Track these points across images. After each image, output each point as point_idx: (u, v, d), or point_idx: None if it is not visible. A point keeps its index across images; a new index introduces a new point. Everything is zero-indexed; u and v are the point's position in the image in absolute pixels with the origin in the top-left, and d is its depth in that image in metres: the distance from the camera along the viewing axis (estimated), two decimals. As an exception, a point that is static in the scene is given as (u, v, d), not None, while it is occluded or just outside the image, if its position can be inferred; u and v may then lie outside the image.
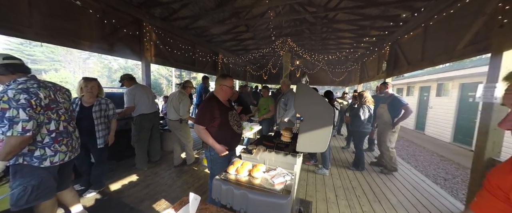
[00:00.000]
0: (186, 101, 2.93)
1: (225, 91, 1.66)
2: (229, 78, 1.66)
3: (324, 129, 1.26)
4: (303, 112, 1.31)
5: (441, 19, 3.25)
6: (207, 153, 1.71)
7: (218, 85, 1.66)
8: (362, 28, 4.95)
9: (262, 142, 1.90)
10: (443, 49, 3.17)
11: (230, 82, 1.67)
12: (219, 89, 1.66)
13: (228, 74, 1.72)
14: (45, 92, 1.39)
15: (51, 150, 1.44)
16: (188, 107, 2.96)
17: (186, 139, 3.13)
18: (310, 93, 1.28)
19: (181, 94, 2.95)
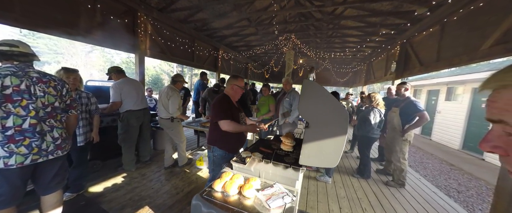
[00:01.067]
0: (176, 97, 2.68)
1: (236, 91, 1.69)
2: (241, 79, 1.71)
3: (336, 139, 1.00)
4: (309, 117, 1.05)
5: (463, 15, 2.95)
6: (209, 154, 1.65)
7: (230, 85, 1.68)
8: (371, 25, 4.64)
9: (259, 148, 1.65)
10: (463, 49, 2.86)
11: (242, 83, 1.71)
12: (230, 89, 1.68)
13: (239, 75, 1.78)
14: (15, 81, 1.20)
15: (5, 151, 1.20)
16: (178, 104, 2.70)
17: (178, 138, 2.89)
18: (320, 93, 1.02)
19: (170, 89, 2.69)
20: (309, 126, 1.05)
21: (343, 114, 0.98)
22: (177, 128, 2.82)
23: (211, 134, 1.67)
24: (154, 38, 4.05)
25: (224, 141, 1.59)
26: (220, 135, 1.58)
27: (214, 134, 1.63)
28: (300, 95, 1.05)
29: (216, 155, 1.62)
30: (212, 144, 1.64)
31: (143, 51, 3.74)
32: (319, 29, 5.26)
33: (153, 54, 4.09)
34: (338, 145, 1.00)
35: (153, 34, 4.00)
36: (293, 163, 1.18)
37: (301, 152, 1.08)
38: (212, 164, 1.67)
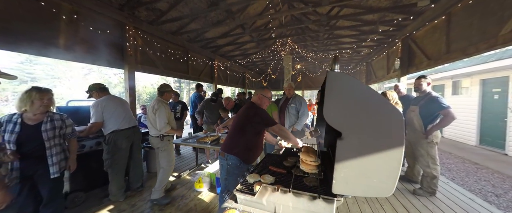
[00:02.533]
0: (163, 110, 2.29)
1: (262, 101, 1.74)
2: (267, 90, 1.78)
3: (388, 154, 0.68)
4: (340, 123, 0.73)
5: (470, 4, 2.76)
6: (223, 162, 1.63)
7: (256, 95, 1.75)
8: (368, 23, 4.48)
9: (268, 168, 1.31)
10: (479, 37, 2.63)
11: (269, 93, 1.77)
12: (257, 98, 1.73)
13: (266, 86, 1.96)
14: None
15: None
16: (167, 118, 2.32)
17: (166, 161, 2.41)
18: (354, 87, 0.72)
19: (156, 102, 2.32)
20: (342, 137, 0.73)
21: (395, 116, 0.67)
22: (166, 148, 2.41)
23: (230, 142, 1.64)
24: (145, 51, 3.83)
25: (245, 149, 1.58)
26: (243, 143, 1.58)
27: (235, 141, 1.61)
28: (326, 94, 0.74)
29: (230, 163, 1.58)
30: (228, 151, 1.60)
31: (132, 66, 3.49)
32: (315, 32, 5.11)
33: (144, 68, 3.84)
34: (393, 164, 0.68)
35: (144, 47, 3.79)
36: (324, 191, 0.84)
37: (334, 175, 0.75)
38: (225, 173, 1.63)
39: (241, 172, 1.55)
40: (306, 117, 2.94)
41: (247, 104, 1.73)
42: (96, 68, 27.06)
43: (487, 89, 5.74)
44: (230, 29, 4.99)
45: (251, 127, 1.57)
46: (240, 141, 1.58)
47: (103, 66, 3.34)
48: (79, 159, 2.22)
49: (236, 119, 1.72)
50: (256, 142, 1.61)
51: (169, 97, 2.48)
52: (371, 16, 4.43)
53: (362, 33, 5.10)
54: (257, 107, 1.66)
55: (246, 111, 1.63)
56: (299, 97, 3.07)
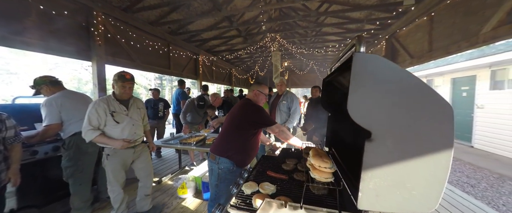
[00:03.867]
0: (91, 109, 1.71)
1: (258, 97, 1.60)
2: (264, 86, 1.65)
3: (433, 159, 0.53)
4: (370, 120, 0.57)
5: (452, 4, 2.86)
6: (214, 166, 1.45)
7: (252, 91, 1.61)
8: (355, 21, 4.53)
9: (266, 173, 1.12)
10: (461, 35, 2.74)
11: (266, 90, 1.63)
12: (253, 95, 1.60)
13: (263, 82, 1.77)
14: None
15: None
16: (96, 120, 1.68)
17: (144, 171, 1.96)
18: (387, 74, 0.55)
19: None
20: (372, 139, 0.56)
21: (444, 109, 0.51)
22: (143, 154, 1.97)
23: (223, 143, 1.47)
24: (118, 42, 3.36)
25: (239, 152, 1.42)
26: (237, 145, 1.43)
27: (229, 143, 1.45)
28: (350, 82, 0.56)
29: (222, 167, 1.41)
30: (220, 154, 1.43)
31: (101, 58, 3.02)
32: (304, 28, 5.04)
33: (117, 61, 3.37)
34: (439, 171, 0.53)
35: (116, 37, 3.32)
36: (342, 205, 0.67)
37: (360, 186, 0.59)
38: (215, 179, 1.44)
39: (234, 177, 1.38)
40: (298, 115, 2.82)
41: (242, 101, 1.58)
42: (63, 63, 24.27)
43: (456, 87, 6.26)
44: (216, 21, 4.67)
45: (248, 127, 1.42)
46: (235, 142, 1.43)
47: (67, 58, 2.82)
48: (30, 168, 1.81)
49: (229, 117, 1.55)
50: (252, 143, 1.46)
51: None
52: (358, 14, 4.47)
53: (348, 31, 5.16)
54: (254, 104, 1.52)
55: (242, 109, 1.49)
56: (291, 93, 2.94)
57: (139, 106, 1.94)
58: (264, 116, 1.45)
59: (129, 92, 1.79)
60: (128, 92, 1.78)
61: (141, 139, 1.95)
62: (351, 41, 0.70)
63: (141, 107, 1.97)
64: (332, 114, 1.23)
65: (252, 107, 1.47)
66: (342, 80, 1.01)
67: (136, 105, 1.90)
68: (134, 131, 1.81)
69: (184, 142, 2.57)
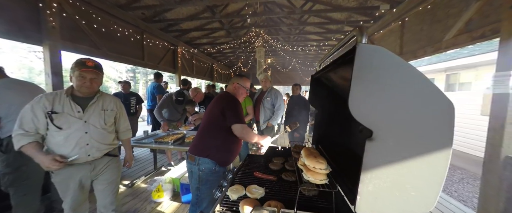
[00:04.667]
0: None
1: (238, 91, 1.47)
2: (246, 78, 1.53)
3: (432, 158, 0.51)
4: (373, 118, 0.53)
5: (421, 11, 3.14)
6: (194, 167, 1.32)
7: (232, 83, 1.48)
8: (335, 22, 4.71)
9: (253, 174, 1.04)
10: (427, 41, 3.02)
11: (247, 83, 1.51)
12: (233, 88, 1.47)
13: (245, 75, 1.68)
14: None
15: None
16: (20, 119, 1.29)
17: (104, 195, 1.45)
18: (392, 69, 0.51)
19: None
20: (373, 138, 0.52)
21: (444, 106, 0.49)
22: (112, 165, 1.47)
23: (203, 142, 1.35)
24: (78, 25, 2.88)
25: (221, 150, 1.32)
26: (219, 142, 1.31)
27: (208, 141, 1.33)
28: (352, 77, 0.51)
29: (203, 169, 1.29)
30: (200, 154, 1.30)
31: (56, 43, 2.55)
32: (288, 25, 5.06)
33: (77, 48, 2.90)
34: (438, 170, 0.51)
35: (75, 19, 2.84)
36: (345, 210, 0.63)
37: (359, 189, 0.55)
38: (196, 181, 1.32)
39: (217, 178, 1.28)
40: (282, 111, 2.80)
41: (221, 94, 1.48)
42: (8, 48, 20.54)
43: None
44: (197, 11, 4.37)
45: (227, 122, 1.30)
46: (215, 139, 1.31)
47: (12, 41, 2.29)
48: None
49: (207, 113, 1.43)
50: (234, 140, 1.34)
51: None
52: (339, 15, 4.64)
53: (329, 32, 5.35)
54: (232, 97, 1.40)
55: (218, 102, 1.37)
56: (275, 90, 2.90)
57: (107, 106, 1.39)
58: (236, 110, 1.30)
59: (90, 85, 1.26)
60: (89, 86, 1.26)
61: (103, 153, 1.38)
62: (351, 32, 0.64)
63: (113, 108, 1.43)
64: (320, 111, 1.21)
65: (227, 99, 1.36)
66: (333, 76, 0.98)
67: (102, 105, 1.36)
68: (87, 142, 1.27)
69: (160, 140, 2.34)
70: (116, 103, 1.47)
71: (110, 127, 1.42)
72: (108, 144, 1.40)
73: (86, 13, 2.97)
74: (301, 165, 0.77)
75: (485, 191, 2.01)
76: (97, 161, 1.36)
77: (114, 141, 1.46)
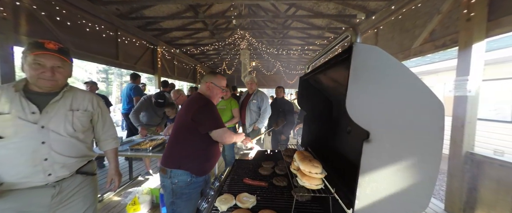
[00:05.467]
0: None
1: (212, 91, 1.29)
2: (221, 76, 1.33)
3: (426, 157, 0.51)
4: (370, 120, 0.52)
5: (393, 21, 3.44)
6: (166, 181, 1.17)
7: (205, 83, 1.30)
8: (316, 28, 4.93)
9: (243, 181, 0.98)
10: (398, 48, 3.32)
11: (222, 81, 1.32)
12: (205, 88, 1.29)
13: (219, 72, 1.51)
14: None
15: None
16: None
17: None
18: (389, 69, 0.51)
19: None
20: (370, 140, 0.51)
21: (434, 106, 0.50)
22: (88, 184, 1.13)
23: (174, 152, 1.20)
24: (37, 17, 2.52)
25: (195, 159, 1.17)
26: (191, 150, 1.17)
27: (180, 151, 1.18)
28: (349, 77, 0.49)
29: (176, 181, 1.14)
30: (172, 166, 1.16)
31: (8, 37, 2.19)
32: (273, 29, 5.14)
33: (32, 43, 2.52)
34: (431, 171, 0.52)
35: (32, 9, 2.47)
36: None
37: (357, 193, 0.53)
38: (170, 195, 1.16)
39: (194, 190, 1.16)
40: (268, 114, 2.79)
41: (192, 96, 1.29)
42: None
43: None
44: (179, 10, 4.18)
45: (201, 129, 1.16)
46: (187, 148, 1.16)
47: None
48: None
49: (177, 119, 1.26)
50: (210, 146, 1.21)
51: None
52: (320, 21, 4.86)
53: (310, 37, 5.58)
54: (205, 100, 1.21)
55: (190, 107, 1.18)
56: (261, 92, 2.88)
57: (77, 105, 1.03)
58: (211, 115, 1.16)
59: (52, 76, 0.91)
60: (50, 77, 0.91)
61: (73, 170, 1.02)
62: (344, 32, 0.64)
63: (86, 108, 1.06)
64: (309, 113, 1.21)
65: (197, 103, 1.18)
66: (323, 78, 0.98)
67: (70, 104, 1.00)
68: (45, 157, 0.91)
69: (136, 147, 2.13)
70: (93, 102, 1.10)
71: (83, 133, 1.03)
72: (80, 156, 1.02)
73: (47, 3, 2.61)
74: (295, 169, 0.74)
75: (450, 184, 2.23)
76: (64, 183, 0.97)
77: (89, 153, 1.08)
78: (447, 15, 2.44)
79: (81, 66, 18.47)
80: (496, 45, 4.45)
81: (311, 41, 5.89)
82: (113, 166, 1.22)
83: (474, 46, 2.00)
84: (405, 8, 3.06)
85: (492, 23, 1.93)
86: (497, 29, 1.91)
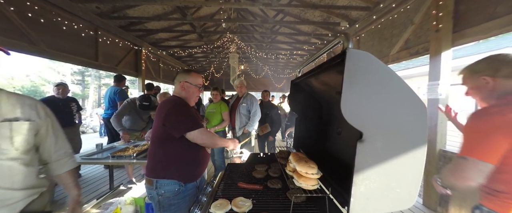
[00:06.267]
0: None
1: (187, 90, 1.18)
2: (195, 74, 1.22)
3: (413, 154, 0.55)
4: (363, 121, 0.54)
5: (372, 30, 3.71)
6: (152, 192, 1.08)
7: (179, 82, 1.18)
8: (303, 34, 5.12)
9: (237, 185, 0.97)
10: (377, 55, 3.57)
11: (197, 79, 1.20)
12: (179, 88, 1.18)
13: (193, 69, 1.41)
14: None
15: None
16: None
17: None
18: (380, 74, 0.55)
19: None
20: (363, 139, 0.54)
21: (418, 107, 0.55)
22: None
23: (155, 161, 1.10)
24: (4, 13, 2.28)
25: (182, 165, 1.08)
26: (173, 158, 1.08)
27: (163, 158, 1.08)
28: (343, 81, 0.52)
29: (163, 192, 1.05)
30: (158, 176, 1.07)
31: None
32: (261, 34, 5.22)
33: (2, 42, 2.27)
34: (417, 167, 0.56)
35: (0, 5, 2.24)
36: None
37: (352, 191, 0.55)
38: (157, 208, 1.08)
39: (183, 199, 1.09)
40: (258, 117, 2.79)
41: (164, 99, 1.21)
42: None
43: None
44: (166, 11, 4.08)
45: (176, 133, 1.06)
46: (169, 156, 1.07)
47: None
48: None
49: (153, 126, 1.16)
50: (193, 151, 1.11)
51: None
52: (306, 28, 5.06)
53: (297, 42, 5.77)
54: (174, 101, 1.11)
55: (160, 111, 1.10)
56: (251, 96, 2.89)
57: (12, 113, 0.72)
58: (183, 116, 1.05)
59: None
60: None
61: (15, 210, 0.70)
62: (337, 38, 0.67)
63: (29, 118, 0.75)
64: (301, 116, 1.24)
65: (167, 105, 1.08)
66: (314, 82, 1.01)
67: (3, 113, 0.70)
68: None
69: (118, 155, 1.99)
70: (38, 109, 0.78)
71: (28, 154, 0.74)
72: (26, 188, 0.72)
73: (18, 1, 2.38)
74: (291, 171, 0.75)
75: (427, 180, 2.42)
76: None
77: (39, 182, 0.79)
78: (419, 25, 2.69)
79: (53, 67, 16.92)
80: (460, 53, 5.00)
81: (298, 46, 6.09)
82: (77, 193, 0.89)
83: (443, 54, 2.22)
84: (383, 18, 3.32)
85: (457, 35, 2.17)
86: (461, 40, 2.15)
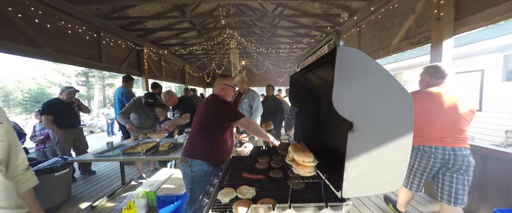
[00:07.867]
0: None
1: (226, 91, 1.50)
2: (230, 78, 1.55)
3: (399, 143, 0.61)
4: (353, 112, 0.60)
5: (373, 20, 3.66)
6: (187, 169, 1.40)
7: (218, 85, 1.50)
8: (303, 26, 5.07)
9: (242, 175, 1.04)
10: (378, 45, 3.54)
11: (232, 81, 1.55)
12: (220, 89, 1.50)
13: (228, 74, 1.70)
14: None
15: None
16: None
17: None
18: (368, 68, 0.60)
19: None
20: (354, 129, 0.59)
21: (404, 97, 0.60)
22: None
23: (194, 145, 1.41)
24: (9, 17, 2.36)
25: (213, 151, 1.39)
26: (209, 143, 1.38)
27: (198, 143, 1.39)
28: (335, 75, 0.57)
29: (195, 170, 1.37)
30: (193, 156, 1.38)
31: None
32: (261, 28, 5.20)
33: (8, 47, 2.35)
34: (404, 152, 0.61)
35: (7, 12, 2.31)
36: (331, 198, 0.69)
37: (344, 176, 0.61)
38: (189, 182, 1.41)
39: (210, 178, 1.27)
40: (260, 112, 2.85)
41: (208, 97, 1.54)
42: None
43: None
44: (165, 9, 4.09)
45: (213, 124, 1.37)
46: (205, 142, 1.38)
47: None
48: None
49: (196, 117, 1.50)
50: (224, 141, 1.43)
51: None
52: (306, 20, 5.01)
53: (298, 35, 5.72)
54: (218, 99, 1.43)
55: (207, 106, 1.41)
56: (252, 91, 2.94)
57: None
58: (228, 110, 1.38)
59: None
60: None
61: None
62: (329, 36, 0.71)
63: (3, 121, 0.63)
64: (300, 109, 1.29)
65: (215, 103, 1.39)
66: (311, 77, 1.06)
67: None
68: None
69: (129, 151, 2.09)
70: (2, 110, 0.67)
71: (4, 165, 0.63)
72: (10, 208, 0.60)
73: (21, 5, 2.45)
74: (290, 160, 0.82)
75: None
76: None
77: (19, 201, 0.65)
78: (421, 14, 2.66)
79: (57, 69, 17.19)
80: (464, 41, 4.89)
81: (298, 40, 6.04)
82: None
83: (444, 42, 2.21)
84: (383, 8, 3.27)
85: (458, 22, 2.15)
86: (463, 28, 2.13)
